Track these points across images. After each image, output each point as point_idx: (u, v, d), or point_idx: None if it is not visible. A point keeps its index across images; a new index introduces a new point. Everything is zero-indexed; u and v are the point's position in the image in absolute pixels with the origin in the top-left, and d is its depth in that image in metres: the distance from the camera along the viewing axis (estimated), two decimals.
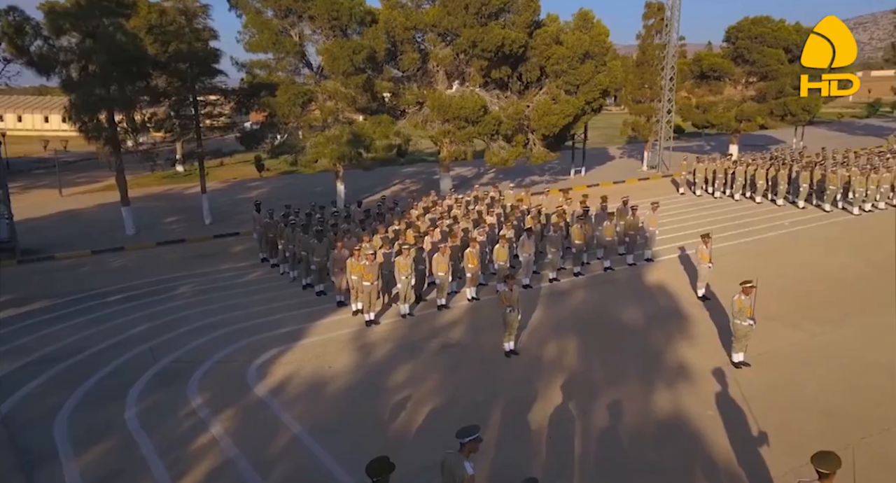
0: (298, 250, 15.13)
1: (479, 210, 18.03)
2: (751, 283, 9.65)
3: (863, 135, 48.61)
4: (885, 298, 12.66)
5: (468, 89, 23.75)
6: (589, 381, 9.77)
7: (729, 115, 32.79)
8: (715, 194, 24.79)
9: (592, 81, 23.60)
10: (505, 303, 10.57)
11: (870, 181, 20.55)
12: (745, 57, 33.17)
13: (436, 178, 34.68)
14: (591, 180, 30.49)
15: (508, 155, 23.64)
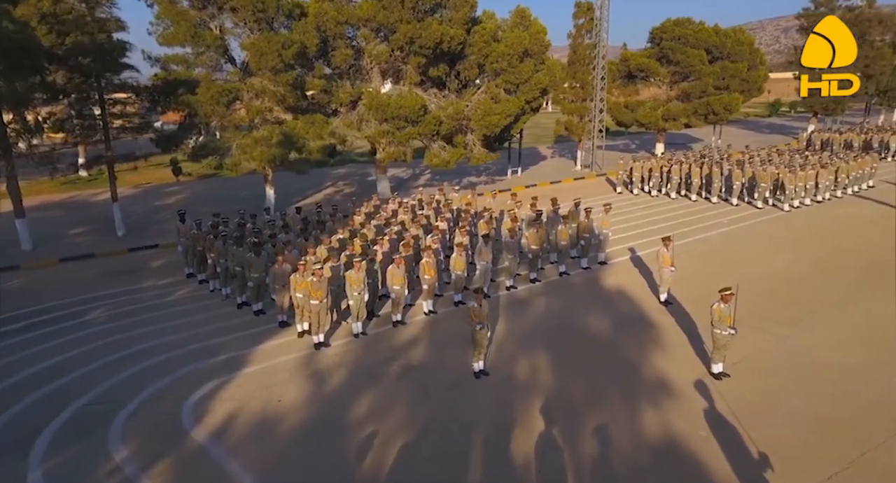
0: (232, 265, 13.62)
1: (427, 215, 17.08)
2: (730, 290, 9.26)
3: (769, 133, 51.32)
4: (835, 298, 12.80)
5: (405, 88, 22.72)
6: (568, 402, 9.05)
7: (656, 114, 33.47)
8: (651, 193, 25.01)
9: (532, 80, 23.19)
10: (474, 319, 9.69)
11: (798, 178, 21.24)
12: (670, 57, 33.98)
13: (370, 179, 33.43)
14: (528, 180, 30.19)
15: (450, 156, 22.80)
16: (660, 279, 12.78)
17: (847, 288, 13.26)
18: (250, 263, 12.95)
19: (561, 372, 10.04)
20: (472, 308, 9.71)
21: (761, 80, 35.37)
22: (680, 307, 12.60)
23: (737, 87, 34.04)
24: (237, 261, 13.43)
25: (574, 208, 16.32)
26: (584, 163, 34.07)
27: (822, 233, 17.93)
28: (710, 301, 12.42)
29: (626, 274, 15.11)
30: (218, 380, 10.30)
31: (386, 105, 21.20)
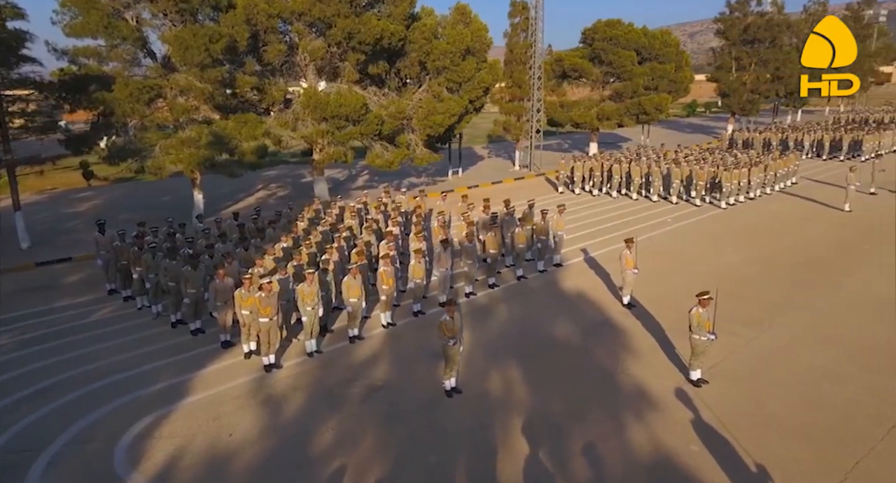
0: (164, 280, 12.25)
1: (376, 219, 16.20)
2: (708, 294, 8.97)
3: (691, 133, 53.45)
4: (787, 296, 12.83)
5: (344, 86, 21.65)
6: (550, 420, 8.49)
7: (591, 114, 33.88)
8: (593, 192, 25.12)
9: (475, 79, 22.69)
10: (447, 334, 8.96)
11: (733, 176, 21.84)
12: (602, 58, 34.51)
13: (304, 181, 32.03)
14: (469, 181, 29.73)
15: (393, 157, 21.93)
16: (622, 281, 12.49)
17: (796, 286, 13.45)
18: (186, 278, 11.66)
19: (536, 385, 9.48)
20: (443, 321, 8.98)
21: (687, 81, 36.55)
22: (643, 309, 12.38)
23: (665, 88, 34.98)
24: (170, 275, 12.09)
25: (528, 210, 15.90)
26: (523, 163, 34.03)
27: (760, 230, 18.38)
28: (671, 302, 12.49)
29: (584, 276, 14.83)
30: (156, 413, 9.08)
31: (325, 103, 20.08)
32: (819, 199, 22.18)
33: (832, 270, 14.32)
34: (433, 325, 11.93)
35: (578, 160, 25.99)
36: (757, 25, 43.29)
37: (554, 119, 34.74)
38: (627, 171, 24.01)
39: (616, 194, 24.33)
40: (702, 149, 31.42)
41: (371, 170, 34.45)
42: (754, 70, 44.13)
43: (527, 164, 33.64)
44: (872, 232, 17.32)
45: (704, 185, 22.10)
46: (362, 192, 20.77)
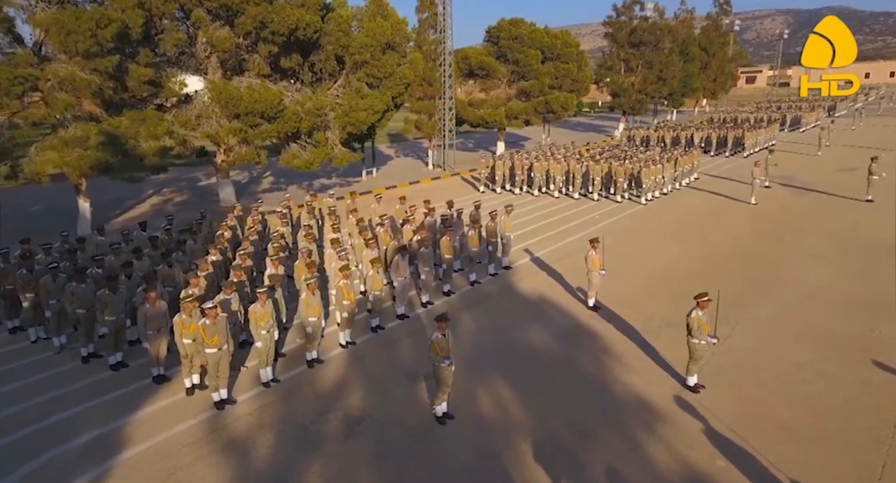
0: (72, 307, 10.23)
1: (309, 224, 14.78)
2: (706, 296, 8.66)
3: (584, 131, 55.77)
4: (740, 291, 12.85)
5: (255, 80, 19.80)
6: (559, 443, 7.79)
7: (500, 112, 33.96)
8: (514, 191, 25.00)
9: (396, 74, 21.68)
10: (440, 353, 8.03)
11: (651, 172, 22.57)
12: (508, 56, 34.73)
13: (201, 185, 29.37)
14: (385, 181, 28.63)
15: (313, 157, 20.40)
16: (588, 283, 12.11)
17: (744, 279, 13.49)
18: (104, 303, 9.78)
19: (530, 403, 8.78)
20: (435, 340, 8.04)
21: (588, 80, 37.80)
22: (609, 311, 12.10)
23: (568, 87, 35.92)
24: (80, 301, 10.12)
25: (475, 211, 15.24)
26: (436, 162, 33.43)
27: (687, 225, 18.98)
28: (633, 302, 12.32)
29: (536, 278, 14.41)
30: (89, 475, 7.36)
31: (237, 99, 18.19)
32: (724, 193, 23.48)
33: (770, 263, 14.78)
34: (395, 341, 11.05)
35: (499, 159, 25.78)
36: (642, 29, 45.78)
37: (463, 117, 34.45)
38: (549, 170, 24.09)
39: (537, 193, 24.36)
40: (611, 146, 32.48)
41: (276, 171, 32.40)
42: (641, 71, 46.63)
43: (440, 163, 33.07)
44: (785, 223, 18.44)
45: (624, 181, 22.64)
46: (286, 196, 19.00)
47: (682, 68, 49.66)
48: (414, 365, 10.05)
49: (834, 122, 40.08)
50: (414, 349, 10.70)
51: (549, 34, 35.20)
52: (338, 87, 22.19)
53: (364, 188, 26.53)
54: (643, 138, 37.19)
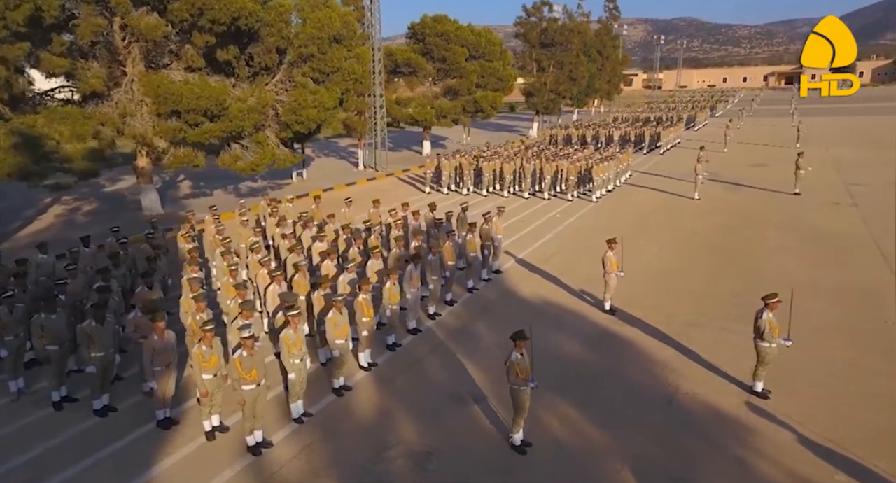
0: (41, 343, 8.42)
1: (284, 234, 13.41)
2: (776, 297, 8.46)
3: (497, 130, 56.46)
4: (737, 288, 12.83)
5: (187, 74, 17.79)
6: (658, 464, 7.24)
7: (430, 111, 33.38)
8: (462, 191, 24.53)
9: (344, 69, 20.43)
10: (521, 375, 7.32)
11: (601, 170, 22.98)
12: (434, 54, 34.23)
13: (107, 191, 26.28)
14: (319, 183, 27.07)
15: (259, 158, 18.70)
16: (605, 285, 11.80)
17: (732, 275, 13.70)
18: (91, 337, 8.11)
19: (603, 422, 8.15)
20: (515, 361, 7.32)
21: (512, 79, 38.13)
22: (624, 314, 11.81)
23: (494, 86, 36.05)
24: (52, 335, 8.35)
25: (462, 214, 14.58)
26: (367, 162, 32.22)
27: (646, 221, 19.34)
28: (646, 303, 12.07)
29: (531, 281, 13.97)
30: None
31: (177, 95, 16.22)
32: (663, 189, 24.41)
33: (745, 257, 15.04)
34: (418, 359, 10.17)
35: (446, 158, 25.17)
36: (553, 30, 47.04)
37: (392, 115, 33.50)
38: (500, 169, 23.87)
39: (486, 193, 24.05)
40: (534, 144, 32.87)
41: (190, 174, 29.71)
42: (552, 72, 47.89)
43: (371, 163, 31.91)
44: (736, 217, 19.24)
45: (575, 179, 22.88)
46: (242, 202, 17.12)
47: (587, 68, 51.63)
48: (452, 386, 9.24)
49: (732, 121, 43.18)
50: (443, 367, 9.88)
51: (473, 32, 35.11)
52: (276, 82, 20.57)
53: (299, 191, 24.91)
54: (565, 137, 38.10)
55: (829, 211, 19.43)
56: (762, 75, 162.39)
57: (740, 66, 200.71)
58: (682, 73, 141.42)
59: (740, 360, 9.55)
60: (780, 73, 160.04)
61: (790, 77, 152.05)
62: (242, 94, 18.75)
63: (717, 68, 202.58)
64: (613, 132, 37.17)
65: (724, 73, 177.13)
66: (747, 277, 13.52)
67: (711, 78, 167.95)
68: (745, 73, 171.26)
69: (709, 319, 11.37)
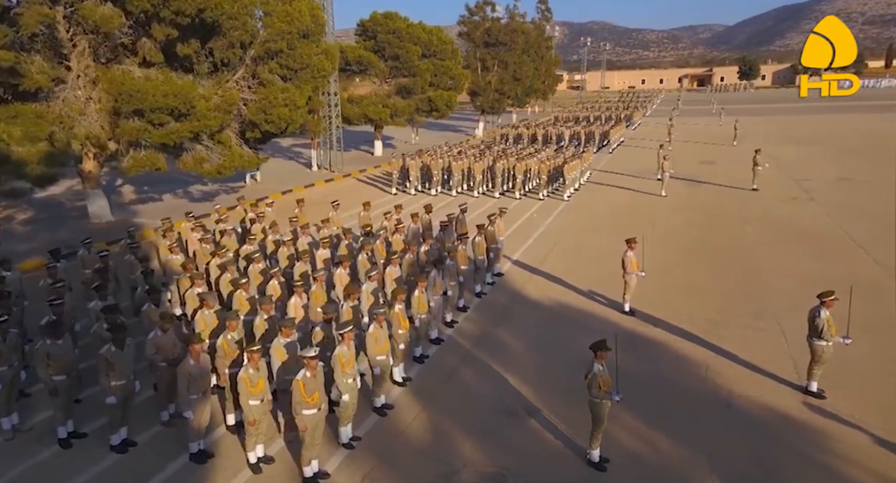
0: (47, 373, 7.32)
1: (276, 240, 12.53)
2: (833, 295, 8.37)
3: (439, 130, 56.13)
4: (742, 284, 13.04)
5: (151, 70, 16.38)
6: (749, 478, 6.99)
7: (385, 110, 32.62)
8: (431, 192, 24.04)
9: (313, 65, 19.46)
10: (603, 388, 6.99)
11: (572, 168, 23.10)
12: (386, 51, 33.48)
13: (40, 198, 23.96)
14: (274, 186, 25.78)
15: (228, 160, 17.48)
16: (625, 286, 11.66)
17: (732, 271, 13.82)
18: (111, 364, 7.13)
19: (671, 432, 7.80)
20: (598, 373, 6.96)
21: (465, 78, 37.90)
22: (644, 314, 11.64)
23: (447, 85, 35.72)
24: (60, 364, 7.29)
25: (461, 215, 14.15)
26: (321, 163, 31.10)
27: (622, 218, 19.38)
28: (663, 302, 11.87)
29: (535, 283, 13.70)
30: None
31: (143, 92, 14.85)
32: (627, 187, 24.88)
33: (734, 252, 15.26)
34: (452, 371, 9.68)
35: (412, 158, 24.59)
36: (497, 29, 47.24)
37: (345, 114, 32.48)
38: (469, 168, 23.56)
39: (455, 193, 23.67)
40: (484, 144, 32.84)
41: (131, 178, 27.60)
42: (497, 71, 48.12)
43: (325, 164, 30.83)
44: (708, 213, 19.68)
45: (545, 178, 22.91)
46: (216, 207, 15.80)
47: (530, 68, 52.28)
48: (499, 399, 8.78)
49: (671, 119, 44.73)
50: (480, 379, 9.42)
51: (425, 30, 34.65)
52: (237, 79, 19.34)
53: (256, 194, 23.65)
54: (516, 136, 38.31)
55: (791, 206, 20.35)
56: (677, 77, 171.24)
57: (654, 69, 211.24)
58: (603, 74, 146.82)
59: (777, 358, 9.66)
60: (692, 75, 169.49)
61: (701, 79, 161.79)
62: (206, 91, 17.47)
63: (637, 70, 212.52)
64: (564, 131, 37.70)
65: (642, 74, 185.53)
66: (745, 273, 13.81)
67: (631, 79, 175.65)
68: (661, 74, 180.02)
69: (730, 317, 11.39)
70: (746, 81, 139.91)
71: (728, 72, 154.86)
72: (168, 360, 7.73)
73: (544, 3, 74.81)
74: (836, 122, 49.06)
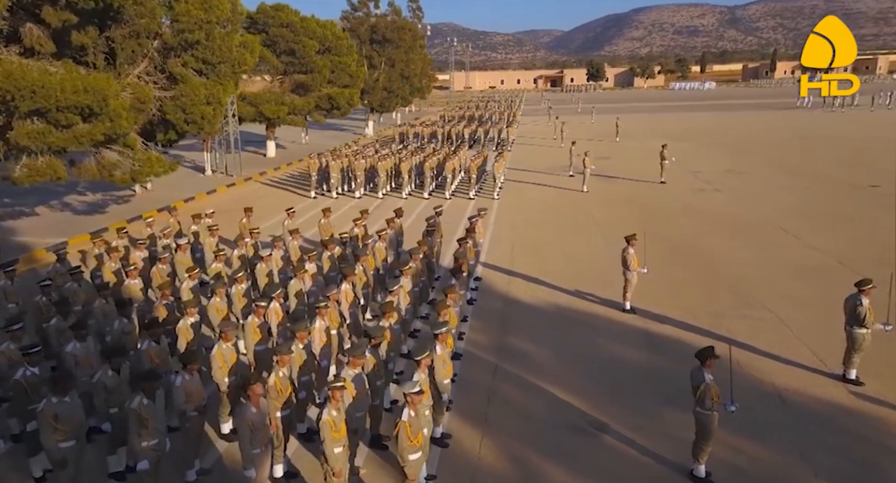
0: (52, 442, 5.65)
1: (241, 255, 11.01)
2: (871, 283, 8.52)
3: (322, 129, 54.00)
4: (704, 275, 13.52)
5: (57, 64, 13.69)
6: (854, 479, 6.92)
7: (282, 108, 30.54)
8: (356, 194, 22.81)
9: (233, 59, 17.48)
10: (716, 399, 6.64)
11: (499, 166, 23.05)
12: (280, 46, 31.39)
13: None
14: (169, 194, 23.00)
15: (148, 167, 15.14)
16: (626, 283, 11.53)
17: (693, 262, 14.29)
18: (143, 419, 5.69)
19: (748, 436, 7.61)
20: (710, 384, 6.63)
21: (364, 75, 36.61)
22: (644, 311, 11.54)
23: (345, 82, 34.31)
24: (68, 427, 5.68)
25: (435, 219, 13.40)
26: (216, 167, 28.39)
27: (562, 215, 19.51)
28: (660, 299, 11.78)
29: (517, 284, 13.26)
30: None
31: (48, 87, 12.27)
32: (546, 184, 25.39)
33: (683, 244, 15.73)
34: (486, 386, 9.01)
35: (333, 158, 23.16)
36: (384, 26, 46.36)
37: (238, 114, 29.95)
38: (396, 167, 22.69)
39: (382, 195, 22.69)
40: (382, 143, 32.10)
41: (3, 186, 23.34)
42: (384, 69, 47.26)
43: (221, 168, 28.22)
44: (636, 206, 20.43)
45: (475, 177, 22.68)
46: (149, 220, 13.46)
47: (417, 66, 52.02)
48: (557, 416, 8.19)
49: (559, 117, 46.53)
50: (525, 395, 8.83)
51: (319, 24, 33.00)
52: (142, 73, 16.90)
53: (154, 204, 21.08)
54: (415, 134, 37.84)
55: (703, 197, 21.90)
56: (532, 78, 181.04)
57: (513, 70, 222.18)
58: (463, 74, 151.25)
59: (791, 345, 9.96)
60: (546, 76, 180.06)
61: (554, 80, 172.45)
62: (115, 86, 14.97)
63: (498, 71, 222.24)
64: (464, 130, 37.84)
65: (501, 75, 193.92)
66: (705, 264, 14.36)
67: (491, 80, 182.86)
68: (518, 75, 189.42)
69: (724, 309, 11.57)
70: (594, 82, 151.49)
71: (577, 74, 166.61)
72: (199, 408, 6.36)
73: (415, 2, 75.18)
74: (692, 119, 54.28)
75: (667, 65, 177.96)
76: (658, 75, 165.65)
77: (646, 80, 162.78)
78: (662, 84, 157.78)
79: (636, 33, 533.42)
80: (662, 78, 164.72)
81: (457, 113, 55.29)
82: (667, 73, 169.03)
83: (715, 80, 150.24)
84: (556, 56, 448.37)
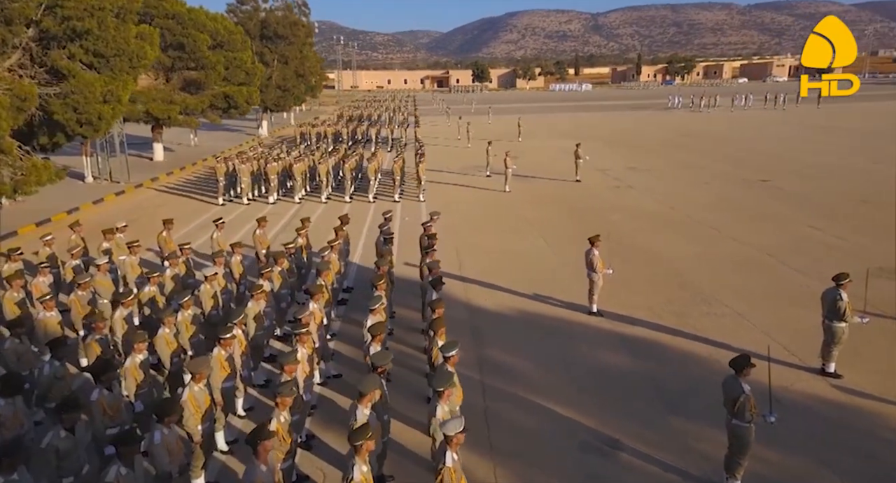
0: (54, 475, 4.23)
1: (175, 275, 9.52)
2: (848, 277, 8.65)
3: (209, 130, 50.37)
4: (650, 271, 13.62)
5: None
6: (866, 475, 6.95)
7: (173, 107, 27.85)
8: (270, 199, 21.14)
9: (132, 51, 15.34)
10: (755, 409, 6.40)
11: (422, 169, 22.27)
12: (167, 39, 28.57)
13: None
14: (48, 204, 20.02)
15: (36, 175, 12.84)
16: (591, 285, 11.22)
17: (635, 259, 14.22)
18: None
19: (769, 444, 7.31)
20: (749, 395, 6.26)
21: (260, 73, 34.33)
22: (610, 313, 11.34)
23: (241, 80, 32.00)
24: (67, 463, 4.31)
25: (389, 226, 12.48)
26: (98, 173, 25.25)
27: (493, 216, 19.09)
28: (624, 301, 11.64)
29: (474, 291, 12.63)
30: None
31: None
32: (464, 184, 25.04)
33: (626, 242, 15.53)
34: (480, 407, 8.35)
35: (241, 162, 21.27)
36: (275, 21, 43.95)
37: None
38: (313, 169, 21.29)
39: (299, 199, 21.23)
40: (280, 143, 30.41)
41: None
42: (278, 67, 44.85)
43: (105, 174, 25.16)
44: (564, 205, 20.41)
45: (401, 178, 21.83)
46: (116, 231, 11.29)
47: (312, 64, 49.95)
48: (564, 434, 7.66)
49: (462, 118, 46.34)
50: (520, 413, 8.17)
51: (209, 17, 30.50)
52: (14, 65, 14.42)
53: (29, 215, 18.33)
54: (318, 134, 36.16)
55: (620, 194, 22.54)
56: (419, 78, 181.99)
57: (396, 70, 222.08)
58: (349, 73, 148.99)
59: (758, 341, 10.00)
60: (432, 76, 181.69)
61: (440, 80, 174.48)
62: None
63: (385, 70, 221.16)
64: (370, 129, 36.71)
65: (388, 75, 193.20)
66: (649, 261, 14.45)
67: (378, 79, 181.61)
68: (405, 75, 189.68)
69: (683, 307, 11.61)
70: (480, 83, 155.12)
71: (462, 74, 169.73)
72: (182, 467, 5.18)
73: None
74: (581, 119, 56.68)
75: (546, 67, 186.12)
76: (538, 77, 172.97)
77: (528, 81, 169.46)
78: (543, 85, 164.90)
79: (511, 36, 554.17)
80: (542, 80, 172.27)
81: (354, 112, 53.84)
82: (546, 74, 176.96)
83: (589, 82, 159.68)
84: (437, 57, 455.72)
